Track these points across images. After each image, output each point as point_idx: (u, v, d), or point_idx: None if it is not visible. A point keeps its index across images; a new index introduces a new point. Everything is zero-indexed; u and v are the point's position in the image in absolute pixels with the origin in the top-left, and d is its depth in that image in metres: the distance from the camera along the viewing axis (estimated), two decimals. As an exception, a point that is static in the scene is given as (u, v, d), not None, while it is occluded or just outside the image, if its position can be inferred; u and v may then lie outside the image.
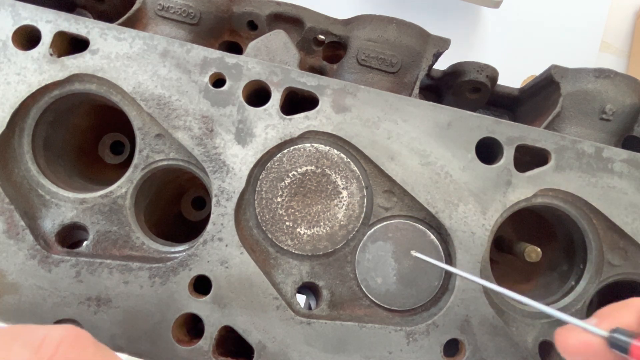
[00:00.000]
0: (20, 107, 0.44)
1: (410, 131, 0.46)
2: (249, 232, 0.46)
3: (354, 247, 0.47)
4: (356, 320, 0.46)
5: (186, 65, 0.45)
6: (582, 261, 0.49)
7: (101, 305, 0.44)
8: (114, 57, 0.45)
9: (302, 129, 0.45)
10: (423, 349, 0.45)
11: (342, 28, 0.54)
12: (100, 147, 0.59)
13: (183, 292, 0.44)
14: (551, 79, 0.54)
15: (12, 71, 0.44)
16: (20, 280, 0.44)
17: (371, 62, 0.51)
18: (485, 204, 0.46)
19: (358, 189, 0.46)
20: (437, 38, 0.53)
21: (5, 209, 0.44)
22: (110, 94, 0.46)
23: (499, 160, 0.46)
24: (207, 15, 0.51)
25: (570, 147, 0.47)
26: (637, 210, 0.47)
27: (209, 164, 0.45)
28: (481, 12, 1.03)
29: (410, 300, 0.47)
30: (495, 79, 0.59)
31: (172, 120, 0.45)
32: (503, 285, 0.48)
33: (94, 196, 0.46)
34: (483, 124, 0.46)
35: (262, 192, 0.46)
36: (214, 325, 0.44)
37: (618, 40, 1.08)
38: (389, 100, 0.46)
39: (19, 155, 0.46)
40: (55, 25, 0.45)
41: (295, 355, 0.44)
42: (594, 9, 1.05)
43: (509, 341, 0.45)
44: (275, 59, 0.49)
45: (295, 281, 0.47)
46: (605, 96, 0.51)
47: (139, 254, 0.46)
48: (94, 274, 0.44)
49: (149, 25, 0.51)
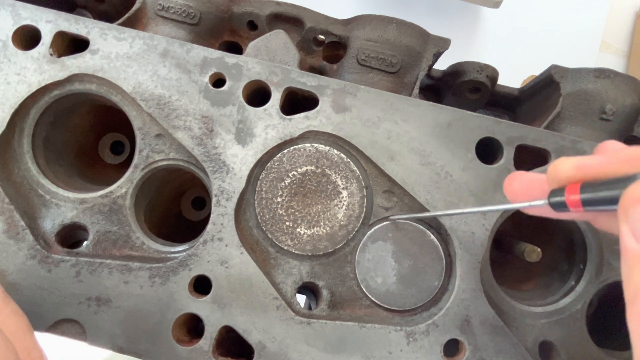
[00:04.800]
0: (20, 107, 0.44)
1: (410, 131, 0.46)
2: (249, 232, 0.46)
3: (354, 247, 0.47)
4: (356, 320, 0.46)
5: (186, 65, 0.45)
6: (582, 261, 0.49)
7: (101, 305, 0.44)
8: (114, 57, 0.45)
9: (302, 129, 0.45)
10: (423, 349, 0.45)
11: (342, 28, 0.54)
12: (100, 147, 0.59)
13: (183, 292, 0.44)
14: (551, 79, 0.54)
15: (12, 71, 0.44)
16: (20, 280, 0.44)
17: (371, 62, 0.51)
18: (485, 204, 0.46)
19: (358, 189, 0.46)
20: (437, 38, 0.53)
21: (5, 209, 0.44)
22: (110, 94, 0.46)
23: (499, 160, 0.46)
24: (207, 15, 0.51)
25: (570, 147, 0.47)
26: (637, 210, 0.47)
27: (209, 164, 0.45)
28: (481, 12, 1.03)
29: (410, 300, 0.47)
30: (495, 79, 0.59)
31: (172, 120, 0.45)
32: (503, 285, 0.48)
33: (94, 196, 0.46)
34: (483, 124, 0.46)
35: (262, 192, 0.46)
36: (214, 325, 0.44)
37: (618, 40, 1.08)
38: (389, 100, 0.46)
39: (19, 155, 0.46)
40: (55, 25, 0.45)
41: (295, 355, 0.44)
42: (594, 9, 1.05)
43: (509, 341, 0.45)
44: (275, 59, 0.49)
45: (295, 281, 0.47)
46: (605, 96, 0.51)
47: (139, 254, 0.46)
48: (94, 274, 0.44)
49: (149, 25, 0.51)
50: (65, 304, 0.44)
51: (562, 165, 0.31)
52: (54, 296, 0.44)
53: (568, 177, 0.31)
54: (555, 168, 0.32)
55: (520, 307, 0.47)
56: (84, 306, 0.44)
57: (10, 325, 0.35)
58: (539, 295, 0.51)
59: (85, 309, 0.44)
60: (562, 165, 0.31)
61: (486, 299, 0.45)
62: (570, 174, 0.31)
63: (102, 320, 0.44)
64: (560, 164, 0.31)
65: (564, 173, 0.31)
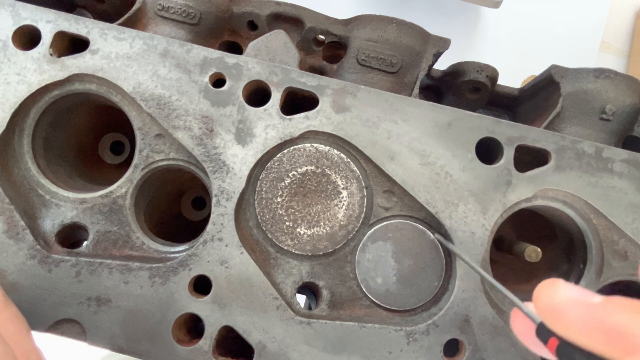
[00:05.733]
0: (20, 107, 0.44)
1: (410, 131, 0.46)
2: (249, 232, 0.46)
3: (354, 247, 0.47)
4: (356, 320, 0.46)
5: (186, 65, 0.45)
6: (582, 261, 0.49)
7: (101, 305, 0.44)
8: (114, 57, 0.45)
9: (302, 129, 0.45)
10: (423, 349, 0.45)
11: (342, 28, 0.54)
12: (100, 147, 0.59)
13: (183, 292, 0.44)
14: (551, 79, 0.54)
15: (12, 71, 0.44)
16: (20, 280, 0.44)
17: (371, 62, 0.51)
18: (485, 204, 0.46)
19: (358, 189, 0.46)
20: (437, 38, 0.53)
21: (5, 209, 0.44)
22: (110, 94, 0.46)
23: (499, 160, 0.46)
24: (207, 15, 0.51)
25: (570, 147, 0.47)
26: (637, 210, 0.47)
27: (209, 164, 0.45)
28: (481, 12, 1.03)
29: (410, 300, 0.47)
30: (495, 79, 0.59)
31: (172, 120, 0.45)
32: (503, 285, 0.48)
33: (94, 196, 0.46)
34: (483, 124, 0.46)
35: (262, 192, 0.46)
36: (214, 325, 0.44)
37: (618, 40, 1.08)
38: (389, 100, 0.46)
39: (19, 155, 0.46)
40: (55, 25, 0.45)
41: (295, 355, 0.44)
42: (594, 9, 1.05)
43: (509, 341, 0.45)
44: (275, 59, 0.49)
45: (295, 281, 0.47)
46: (605, 96, 0.51)
47: (139, 254, 0.46)
48: (94, 274, 0.44)
49: (149, 25, 0.51)
50: (65, 304, 0.44)
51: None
52: (54, 296, 0.44)
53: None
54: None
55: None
56: (84, 306, 0.44)
57: (9, 328, 0.36)
58: (539, 295, 0.51)
59: (85, 309, 0.44)
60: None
61: (486, 299, 0.45)
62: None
63: (102, 320, 0.44)
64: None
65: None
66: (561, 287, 0.27)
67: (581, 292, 0.27)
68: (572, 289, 0.27)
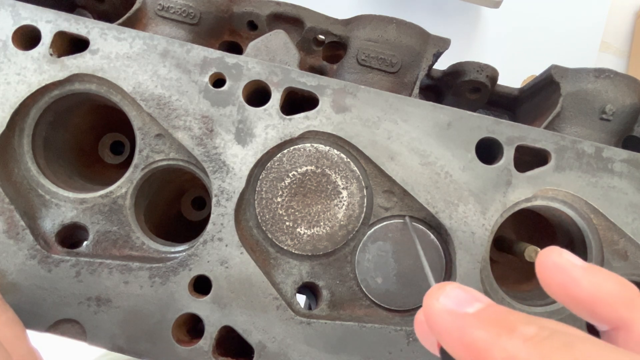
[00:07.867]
0: (20, 107, 0.44)
1: (410, 131, 0.46)
2: (249, 232, 0.46)
3: (354, 247, 0.47)
4: (356, 320, 0.46)
5: (186, 65, 0.45)
6: (582, 261, 0.49)
7: (101, 305, 0.44)
8: (114, 57, 0.45)
9: (302, 129, 0.45)
10: (423, 349, 0.45)
11: (342, 28, 0.54)
12: (100, 147, 0.59)
13: (183, 292, 0.44)
14: (551, 79, 0.54)
15: (12, 71, 0.44)
16: (20, 280, 0.44)
17: (371, 62, 0.51)
18: (485, 204, 0.46)
19: (358, 189, 0.46)
20: (437, 38, 0.53)
21: (5, 209, 0.44)
22: (110, 94, 0.46)
23: (499, 160, 0.46)
24: (207, 15, 0.51)
25: (570, 147, 0.47)
26: (637, 210, 0.47)
27: (209, 164, 0.45)
28: (481, 12, 1.03)
29: (410, 300, 0.47)
30: (495, 79, 0.59)
31: (172, 120, 0.45)
32: (503, 285, 0.48)
33: (94, 196, 0.46)
34: (483, 124, 0.46)
35: (262, 192, 0.46)
36: (214, 325, 0.44)
37: (618, 40, 1.08)
38: (389, 100, 0.46)
39: (19, 155, 0.46)
40: (55, 25, 0.45)
41: (295, 355, 0.44)
42: (594, 9, 1.05)
43: (509, 341, 0.45)
44: (275, 59, 0.49)
45: (295, 281, 0.47)
46: (605, 96, 0.51)
47: (139, 254, 0.46)
48: (94, 274, 0.44)
49: (149, 25, 0.51)
50: (65, 304, 0.44)
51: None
52: (54, 296, 0.44)
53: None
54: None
55: (520, 307, 0.47)
56: (84, 306, 0.44)
57: (6, 333, 0.36)
58: (539, 295, 0.51)
59: (85, 309, 0.44)
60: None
61: (486, 299, 0.45)
62: None
63: (102, 320, 0.44)
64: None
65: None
66: (442, 295, 0.27)
67: (458, 302, 0.26)
68: (452, 298, 0.26)
